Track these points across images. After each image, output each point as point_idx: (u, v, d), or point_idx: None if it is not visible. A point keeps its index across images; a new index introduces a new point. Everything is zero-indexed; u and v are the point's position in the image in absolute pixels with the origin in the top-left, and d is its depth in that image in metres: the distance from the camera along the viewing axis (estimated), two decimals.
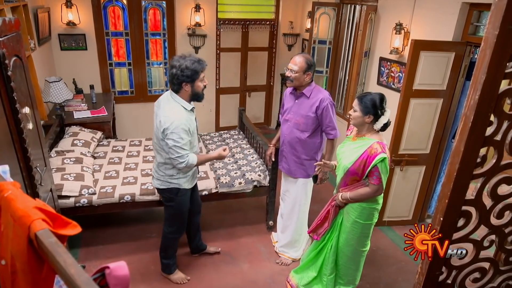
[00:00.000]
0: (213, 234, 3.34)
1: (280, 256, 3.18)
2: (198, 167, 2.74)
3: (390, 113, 2.22)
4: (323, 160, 2.55)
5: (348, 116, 2.32)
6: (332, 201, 2.44)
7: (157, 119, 2.36)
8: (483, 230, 1.51)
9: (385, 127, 2.22)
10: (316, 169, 2.62)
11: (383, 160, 2.14)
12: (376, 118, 2.19)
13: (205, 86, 2.41)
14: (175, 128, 2.28)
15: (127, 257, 3.07)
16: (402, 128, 3.21)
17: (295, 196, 2.98)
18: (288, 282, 2.87)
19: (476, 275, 1.62)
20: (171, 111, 2.33)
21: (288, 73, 2.67)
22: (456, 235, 1.46)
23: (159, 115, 2.35)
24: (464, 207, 1.41)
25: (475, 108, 1.22)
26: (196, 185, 2.86)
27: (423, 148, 3.33)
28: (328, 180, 2.93)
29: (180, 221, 2.73)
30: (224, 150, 2.57)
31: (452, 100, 3.21)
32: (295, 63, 2.62)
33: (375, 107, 2.16)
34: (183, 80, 2.28)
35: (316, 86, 2.73)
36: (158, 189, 2.66)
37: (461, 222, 1.44)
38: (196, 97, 2.41)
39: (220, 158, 2.59)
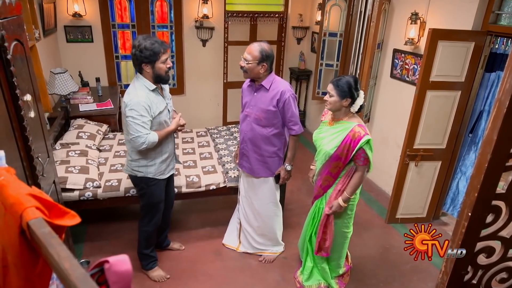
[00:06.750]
0: (220, 230, 3.26)
1: (261, 255, 3.04)
2: (175, 157, 2.66)
3: (363, 95, 2.24)
4: (309, 176, 2.62)
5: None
6: (326, 217, 2.40)
7: None
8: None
9: (360, 108, 2.24)
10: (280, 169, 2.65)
11: (368, 141, 2.15)
12: (353, 100, 2.21)
13: (169, 69, 2.32)
14: (134, 104, 2.21)
15: (133, 252, 2.99)
16: (418, 121, 3.08)
17: (263, 196, 2.81)
18: (295, 278, 2.81)
19: (503, 275, 1.52)
20: (132, 88, 2.29)
21: (241, 63, 2.45)
22: (484, 232, 1.36)
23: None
24: (494, 202, 1.30)
25: (511, 92, 1.11)
26: (172, 178, 2.78)
27: (439, 143, 3.20)
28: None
29: (153, 213, 2.62)
30: (180, 118, 2.49)
31: (470, 93, 3.07)
32: (249, 51, 2.41)
33: (351, 90, 2.18)
34: (142, 61, 2.22)
35: (276, 77, 2.53)
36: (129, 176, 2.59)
37: (489, 218, 1.34)
38: (159, 79, 2.32)
39: (178, 127, 2.47)
